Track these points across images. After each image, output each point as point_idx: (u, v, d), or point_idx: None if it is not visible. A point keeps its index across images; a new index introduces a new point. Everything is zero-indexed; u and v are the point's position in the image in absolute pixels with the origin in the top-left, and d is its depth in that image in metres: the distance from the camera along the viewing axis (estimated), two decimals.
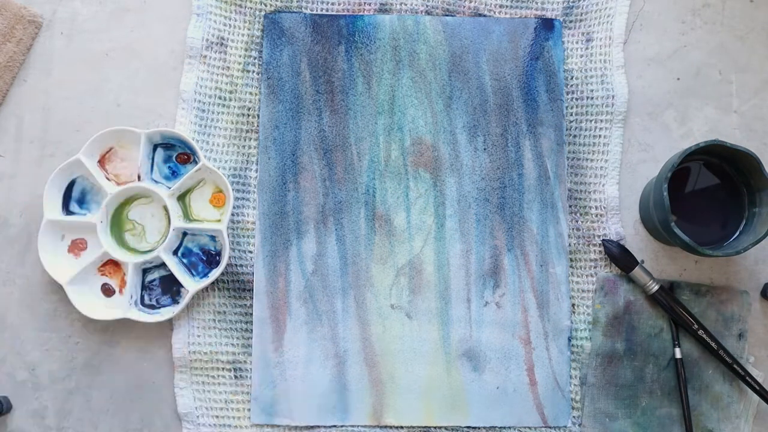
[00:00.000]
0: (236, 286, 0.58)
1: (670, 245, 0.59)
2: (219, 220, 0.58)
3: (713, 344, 0.55)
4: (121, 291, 0.57)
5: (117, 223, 0.58)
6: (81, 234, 0.58)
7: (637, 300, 0.57)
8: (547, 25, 0.62)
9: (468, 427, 0.57)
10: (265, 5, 0.61)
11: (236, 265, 0.58)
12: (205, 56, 0.60)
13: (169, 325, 0.57)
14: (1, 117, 0.59)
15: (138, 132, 0.56)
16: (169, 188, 0.57)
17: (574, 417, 0.57)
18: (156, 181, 0.58)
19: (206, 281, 0.56)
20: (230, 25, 0.61)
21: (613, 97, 0.60)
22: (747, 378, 0.55)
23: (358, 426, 0.57)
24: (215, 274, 0.56)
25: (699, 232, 0.55)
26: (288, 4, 0.61)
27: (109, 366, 0.57)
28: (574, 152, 0.60)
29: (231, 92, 0.60)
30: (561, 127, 0.60)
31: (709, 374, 0.57)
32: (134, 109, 0.60)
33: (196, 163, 0.57)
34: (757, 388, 0.55)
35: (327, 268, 0.58)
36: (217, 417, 0.56)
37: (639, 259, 0.58)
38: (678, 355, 0.56)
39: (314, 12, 0.61)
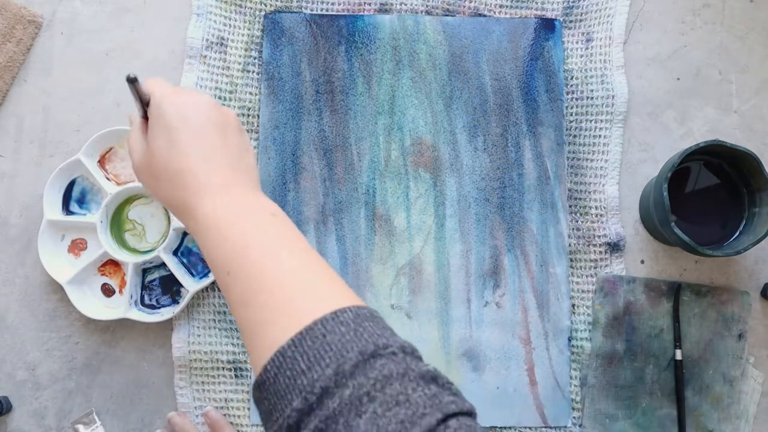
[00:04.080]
0: None
1: (670, 245, 0.58)
2: None
3: None
4: (121, 291, 0.57)
5: (117, 223, 0.58)
6: (81, 234, 0.58)
7: (637, 300, 0.57)
8: (547, 25, 0.61)
9: None
10: (265, 5, 0.61)
11: None
12: (205, 56, 0.60)
13: (169, 325, 0.57)
14: (1, 117, 0.59)
15: None
16: None
17: (574, 418, 0.57)
18: None
19: (206, 281, 0.56)
20: (230, 25, 0.61)
21: (613, 97, 0.60)
22: None
23: None
24: None
25: (699, 232, 0.55)
26: (288, 4, 0.61)
27: (109, 366, 0.57)
28: (574, 152, 0.60)
29: (231, 92, 0.60)
30: (561, 127, 0.60)
31: (709, 375, 0.57)
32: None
33: None
34: None
35: None
36: None
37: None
38: (678, 356, 0.56)
39: (314, 12, 0.61)
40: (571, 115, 0.61)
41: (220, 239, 0.36)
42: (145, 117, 0.42)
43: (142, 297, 0.57)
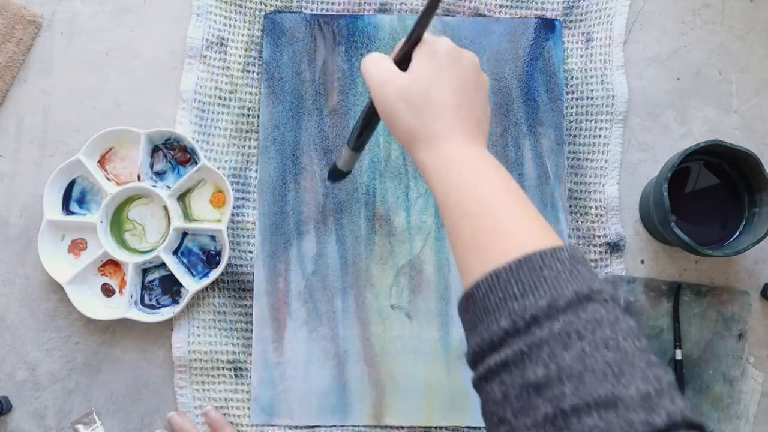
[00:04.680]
0: (236, 286, 0.58)
1: (670, 245, 0.58)
2: (219, 220, 0.58)
3: None
4: (121, 291, 0.57)
5: (117, 223, 0.58)
6: (81, 234, 0.58)
7: (637, 301, 0.57)
8: (547, 25, 0.61)
9: (468, 427, 0.57)
10: (265, 5, 0.61)
11: (236, 265, 0.58)
12: (205, 56, 0.60)
13: (169, 325, 0.57)
14: (1, 117, 0.59)
15: (138, 132, 0.56)
16: (169, 188, 0.57)
17: None
18: (156, 172, 0.58)
19: (206, 281, 0.56)
20: (230, 25, 0.61)
21: (613, 97, 0.60)
22: None
23: (358, 426, 0.57)
24: (215, 274, 0.56)
25: (699, 232, 0.55)
26: (288, 4, 0.61)
27: (109, 366, 0.57)
28: (574, 152, 0.60)
29: (231, 92, 0.60)
30: (561, 127, 0.60)
31: (709, 375, 0.57)
32: (134, 109, 0.60)
33: (196, 163, 0.57)
34: None
35: (327, 268, 0.58)
36: None
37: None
38: (678, 356, 0.56)
39: (314, 12, 0.61)
40: (571, 115, 0.61)
41: (460, 175, 0.40)
42: (405, 57, 0.44)
43: (142, 297, 0.57)
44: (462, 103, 0.42)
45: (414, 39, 0.43)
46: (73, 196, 0.58)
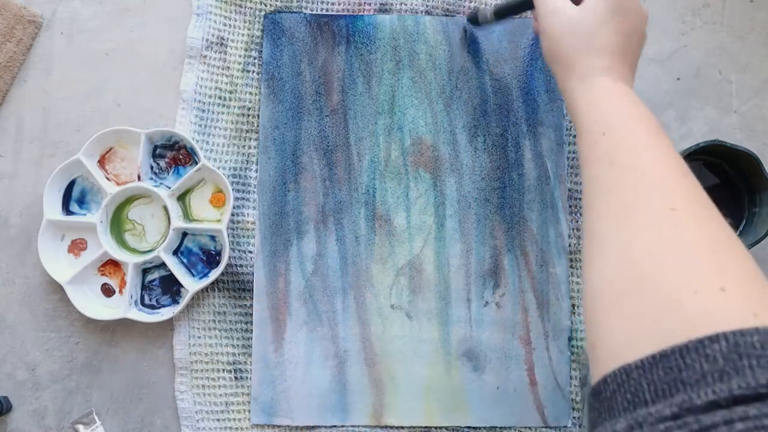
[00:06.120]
0: (236, 286, 0.58)
1: None
2: (219, 220, 0.58)
3: None
4: (121, 291, 0.57)
5: (117, 223, 0.58)
6: (81, 234, 0.58)
7: None
8: None
9: (468, 427, 0.57)
10: (265, 5, 0.61)
11: (236, 265, 0.58)
12: (205, 56, 0.60)
13: (169, 325, 0.57)
14: (1, 117, 0.59)
15: (138, 132, 0.56)
16: (169, 188, 0.57)
17: (574, 418, 0.57)
18: (156, 173, 0.58)
19: (206, 281, 0.56)
20: (230, 25, 0.61)
21: None
22: None
23: (358, 426, 0.57)
24: (215, 274, 0.56)
25: None
26: (288, 4, 0.61)
27: (109, 366, 0.57)
28: (574, 152, 0.60)
29: (231, 92, 0.60)
30: (561, 127, 0.60)
31: None
32: (134, 109, 0.60)
33: (196, 163, 0.57)
34: None
35: (327, 268, 0.58)
36: (217, 420, 0.56)
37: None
38: None
39: (314, 12, 0.61)
40: None
41: (610, 105, 0.41)
42: None
43: (142, 297, 0.57)
44: (625, 49, 0.44)
45: None
46: (73, 196, 0.58)
